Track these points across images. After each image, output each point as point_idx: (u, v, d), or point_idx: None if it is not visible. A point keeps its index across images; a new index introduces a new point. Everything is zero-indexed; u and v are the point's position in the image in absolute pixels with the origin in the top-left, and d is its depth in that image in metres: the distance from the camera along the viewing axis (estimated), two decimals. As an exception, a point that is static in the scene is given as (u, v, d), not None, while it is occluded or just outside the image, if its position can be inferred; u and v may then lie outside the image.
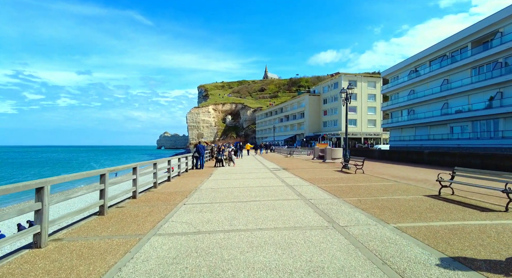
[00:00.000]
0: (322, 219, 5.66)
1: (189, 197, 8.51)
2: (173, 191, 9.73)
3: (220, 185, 10.90)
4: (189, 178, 13.31)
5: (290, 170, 16.15)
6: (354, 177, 12.46)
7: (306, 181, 11.56)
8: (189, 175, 14.90)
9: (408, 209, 6.41)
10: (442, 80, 33.89)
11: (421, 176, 13.08)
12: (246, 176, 13.56)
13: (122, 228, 5.31)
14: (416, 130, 40.00)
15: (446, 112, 33.16)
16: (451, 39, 31.93)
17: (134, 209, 6.90)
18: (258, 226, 5.25)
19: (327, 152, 22.10)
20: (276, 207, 6.77)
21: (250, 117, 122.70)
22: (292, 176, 13.27)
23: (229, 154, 19.65)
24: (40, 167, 62.78)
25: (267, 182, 11.44)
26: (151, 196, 8.73)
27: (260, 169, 17.51)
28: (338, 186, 9.96)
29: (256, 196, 8.36)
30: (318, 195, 8.33)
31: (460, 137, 31.10)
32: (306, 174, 13.93)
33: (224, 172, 16.01)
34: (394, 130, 46.06)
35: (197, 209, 6.81)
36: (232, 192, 9.18)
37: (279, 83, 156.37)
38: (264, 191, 9.12)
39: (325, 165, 19.58)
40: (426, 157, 20.66)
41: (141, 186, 9.14)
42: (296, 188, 9.78)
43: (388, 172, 15.00)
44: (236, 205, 7.15)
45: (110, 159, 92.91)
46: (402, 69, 43.08)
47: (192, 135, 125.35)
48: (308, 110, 72.42)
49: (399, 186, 9.91)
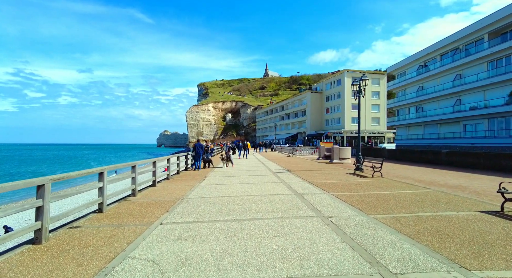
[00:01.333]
0: (359, 258, 3.73)
1: (171, 211, 6.60)
2: (154, 201, 7.81)
3: (213, 192, 8.98)
4: (179, 182, 11.39)
5: (296, 172, 14.23)
6: (373, 183, 10.52)
7: (318, 187, 9.63)
8: (180, 178, 12.97)
9: (478, 237, 4.47)
10: (454, 75, 31.87)
11: (452, 181, 11.14)
12: (246, 180, 11.64)
13: (51, 275, 3.40)
14: (424, 128, 38.01)
15: (458, 109, 31.16)
16: (465, 31, 29.87)
17: (89, 233, 4.98)
18: (262, 274, 3.32)
19: (335, 152, 20.16)
20: (286, 232, 4.84)
21: (251, 115, 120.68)
22: (299, 180, 11.34)
23: (226, 154, 17.74)
24: (38, 165, 61.23)
25: (271, 188, 9.52)
26: (123, 209, 6.82)
27: (261, 170, 15.59)
28: (359, 196, 8.03)
29: (258, 210, 6.44)
30: (338, 210, 6.40)
31: (475, 136, 29.12)
32: (315, 178, 11.99)
33: (221, 174, 14.10)
34: (401, 128, 44.07)
35: (176, 233, 4.89)
36: (227, 203, 7.25)
37: (280, 81, 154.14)
38: (267, 203, 7.19)
39: (334, 167, 17.64)
40: (444, 158, 18.72)
41: (112, 195, 7.23)
42: (307, 197, 7.86)
43: (408, 175, 13.06)
44: (231, 226, 5.23)
45: (95, 158, 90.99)
46: (410, 64, 41.03)
47: (191, 134, 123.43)
48: (310, 107, 70.41)
49: (436, 195, 7.97)
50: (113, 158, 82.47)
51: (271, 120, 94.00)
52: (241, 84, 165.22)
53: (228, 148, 18.50)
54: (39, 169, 51.99)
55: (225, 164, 17.70)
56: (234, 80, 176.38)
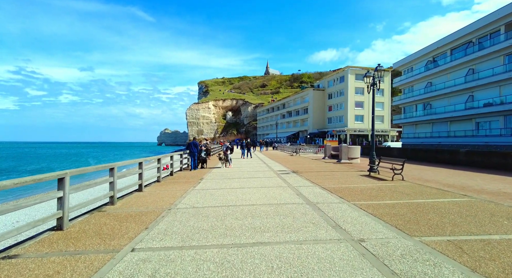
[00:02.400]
0: None
1: (152, 227, 5.10)
2: (134, 211, 6.32)
3: (208, 200, 7.48)
4: (170, 186, 9.89)
5: (303, 174, 12.72)
6: (396, 187, 9.01)
7: (333, 193, 8.12)
8: (173, 180, 11.48)
9: None
10: (467, 70, 30.25)
11: (488, 185, 9.61)
12: (247, 184, 10.13)
13: None
14: (433, 126, 36.43)
15: (471, 105, 29.57)
16: (479, 23, 28.22)
17: (21, 271, 3.48)
18: None
19: (343, 151, 18.62)
20: (307, 270, 3.34)
21: (251, 113, 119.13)
22: (308, 184, 9.83)
23: (224, 153, 16.23)
24: (46, 162, 60.25)
25: (277, 195, 8.01)
26: (91, 224, 5.32)
27: (264, 172, 14.08)
28: (387, 206, 6.52)
29: (264, 228, 4.94)
30: (369, 228, 4.88)
31: (489, 134, 27.55)
32: (326, 181, 10.48)
33: (219, 176, 12.59)
34: (408, 126, 42.50)
35: (148, 270, 3.38)
36: (223, 216, 5.75)
37: (281, 79, 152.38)
38: (275, 216, 5.69)
39: (344, 167, 16.12)
40: (462, 157, 17.17)
41: (79, 206, 5.75)
42: (323, 208, 6.35)
43: (430, 177, 11.54)
44: (227, 258, 3.72)
45: (95, 156, 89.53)
46: (418, 59, 39.40)
47: (191, 132, 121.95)
48: (312, 105, 68.77)
49: (485, 207, 6.44)
50: (110, 157, 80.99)
51: (272, 118, 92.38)
52: (241, 82, 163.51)
53: (226, 148, 16.96)
54: (50, 165, 52.29)
55: (223, 164, 16.22)
56: (234, 78, 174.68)
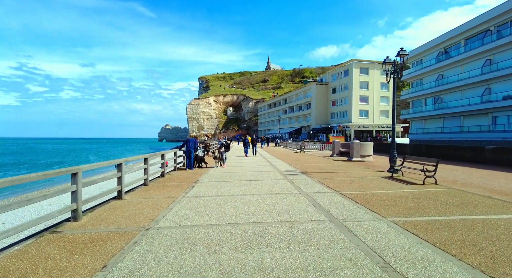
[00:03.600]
0: None
1: (111, 268, 3.43)
2: (99, 233, 4.63)
3: (200, 213, 5.80)
4: (157, 192, 8.21)
5: (314, 176, 11.02)
6: (436, 195, 7.30)
7: (359, 204, 6.42)
8: (164, 182, 9.80)
9: None
10: (483, 61, 28.29)
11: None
12: (250, 189, 8.44)
13: None
14: (444, 121, 34.59)
15: (488, 99, 27.69)
16: (498, 10, 26.20)
17: None
18: None
19: (354, 148, 16.88)
20: None
21: (252, 109, 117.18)
22: (325, 190, 8.13)
23: (219, 151, 14.51)
24: (50, 157, 59.39)
25: (288, 206, 6.32)
26: (25, 262, 3.65)
27: (268, 172, 12.38)
28: (440, 226, 4.80)
29: (277, 270, 3.25)
30: (441, 273, 3.19)
31: (508, 129, 25.72)
32: (344, 186, 8.77)
33: (217, 177, 10.91)
34: (416, 121, 40.66)
35: None
36: (218, 246, 4.06)
37: (282, 74, 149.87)
38: (291, 246, 3.99)
39: (358, 167, 14.42)
40: (489, 155, 15.43)
41: (18, 230, 4.08)
42: (355, 229, 4.65)
43: (467, 180, 9.82)
44: None
45: (95, 152, 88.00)
46: (428, 51, 37.38)
47: (192, 128, 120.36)
48: (315, 100, 66.81)
49: None
50: (112, 152, 79.42)
51: (274, 113, 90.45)
52: (242, 77, 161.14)
53: (221, 144, 15.20)
54: (63, 160, 52.38)
55: (218, 163, 14.49)
56: (235, 73, 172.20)
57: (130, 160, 8.18)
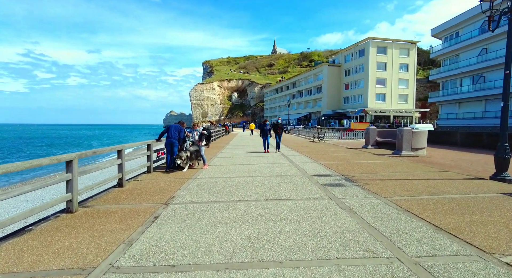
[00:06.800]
0: None
1: None
2: None
3: None
4: (73, 236, 3.74)
5: (374, 188, 6.43)
6: None
7: None
8: (107, 206, 5.33)
9: None
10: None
11: None
12: (268, 226, 3.90)
13: None
14: (486, 104, 29.34)
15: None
16: None
17: None
18: None
19: (404, 138, 12.11)
20: None
21: (258, 94, 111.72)
22: (417, 224, 3.58)
23: (194, 144, 9.94)
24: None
25: None
26: None
27: (291, 177, 7.82)
28: None
29: None
30: None
31: None
32: (444, 212, 4.19)
33: (206, 189, 6.40)
34: (447, 105, 35.38)
35: None
36: None
37: (289, 58, 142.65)
38: None
39: (426, 167, 9.73)
40: None
41: None
42: None
43: None
44: None
45: (97, 137, 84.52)
46: (466, 21, 31.57)
47: (196, 114, 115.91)
48: (326, 83, 61.27)
49: None
50: (127, 137, 75.80)
51: (281, 98, 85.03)
52: (247, 61, 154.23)
53: (200, 135, 10.45)
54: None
55: (186, 165, 9.23)
56: (240, 58, 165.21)
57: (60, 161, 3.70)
